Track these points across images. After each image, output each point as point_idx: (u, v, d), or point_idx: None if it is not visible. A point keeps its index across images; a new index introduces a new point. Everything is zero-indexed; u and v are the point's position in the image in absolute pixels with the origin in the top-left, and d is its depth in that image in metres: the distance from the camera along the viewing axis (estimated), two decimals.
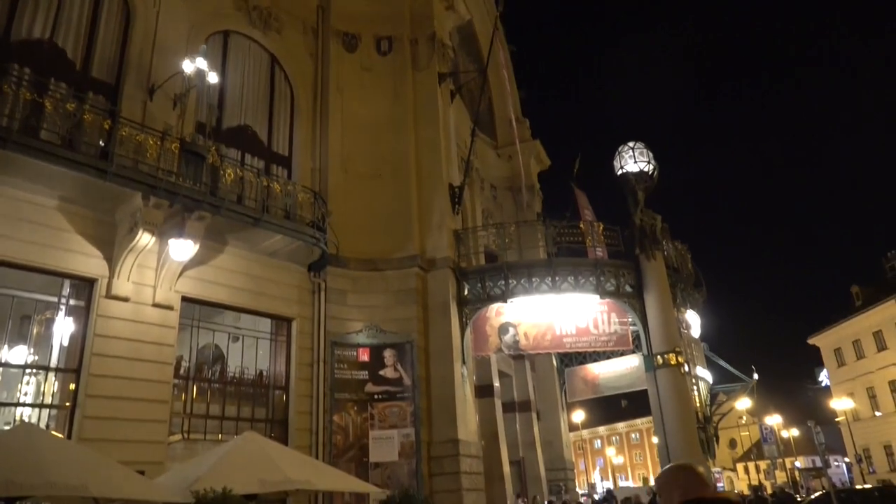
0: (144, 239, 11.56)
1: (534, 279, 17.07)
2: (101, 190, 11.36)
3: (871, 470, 42.03)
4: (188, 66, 12.93)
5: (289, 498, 13.08)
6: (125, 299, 11.78)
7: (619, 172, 18.44)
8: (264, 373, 14.67)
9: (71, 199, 11.45)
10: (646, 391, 17.50)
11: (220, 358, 14.46)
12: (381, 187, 17.24)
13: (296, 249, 14.69)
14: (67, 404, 11.06)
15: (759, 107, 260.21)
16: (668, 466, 3.01)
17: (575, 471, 31.71)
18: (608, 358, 22.53)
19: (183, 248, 11.99)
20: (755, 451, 58.64)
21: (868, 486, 30.13)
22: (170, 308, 12.42)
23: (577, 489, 29.81)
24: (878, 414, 42.34)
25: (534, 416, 24.05)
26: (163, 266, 12.23)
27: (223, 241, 13.70)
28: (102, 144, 11.52)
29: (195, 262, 12.78)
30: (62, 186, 11.20)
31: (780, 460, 39.44)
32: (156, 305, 12.20)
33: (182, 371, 13.06)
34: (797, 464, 48.48)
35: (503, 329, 17.59)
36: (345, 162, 17.25)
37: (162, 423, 11.80)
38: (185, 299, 12.88)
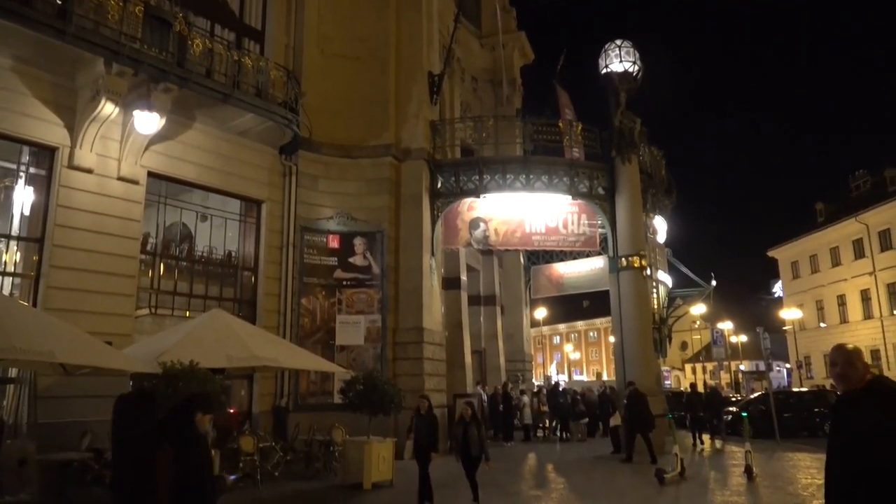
0: (108, 108, 11.08)
1: (508, 176, 17.01)
2: (59, 52, 10.71)
3: (809, 375, 44.81)
4: None
5: (255, 374, 13.48)
6: (88, 171, 11.43)
7: (604, 71, 17.97)
8: (233, 254, 14.66)
9: (27, 59, 10.78)
10: (607, 292, 18.04)
11: (187, 237, 14.35)
12: (357, 70, 16.61)
13: (267, 130, 14.27)
14: (32, 273, 10.96)
15: (735, 17, 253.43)
16: (842, 345, 3.27)
17: (533, 363, 33.20)
18: (574, 258, 23.10)
19: (148, 121, 11.54)
20: (704, 354, 61.79)
21: (804, 389, 32.38)
22: (135, 182, 12.12)
23: (534, 380, 31.29)
24: (822, 325, 44.57)
25: (498, 310, 24.76)
26: (127, 138, 11.81)
27: (191, 116, 13.20)
28: (59, 2, 10.71)
29: (162, 136, 12.36)
30: (17, 45, 10.51)
31: (727, 363, 41.74)
32: (121, 179, 11.89)
33: (149, 247, 12.95)
34: (741, 367, 51.40)
35: (474, 224, 17.70)
36: (321, 40, 16.47)
37: (129, 297, 11.84)
38: (151, 175, 12.56)
